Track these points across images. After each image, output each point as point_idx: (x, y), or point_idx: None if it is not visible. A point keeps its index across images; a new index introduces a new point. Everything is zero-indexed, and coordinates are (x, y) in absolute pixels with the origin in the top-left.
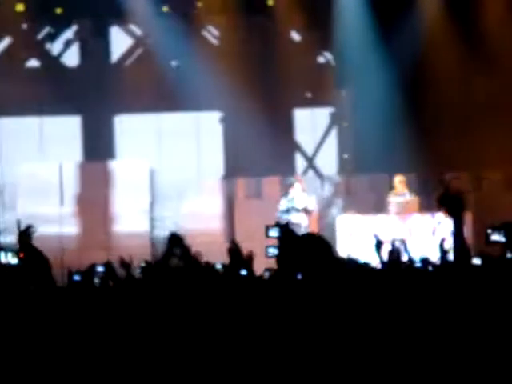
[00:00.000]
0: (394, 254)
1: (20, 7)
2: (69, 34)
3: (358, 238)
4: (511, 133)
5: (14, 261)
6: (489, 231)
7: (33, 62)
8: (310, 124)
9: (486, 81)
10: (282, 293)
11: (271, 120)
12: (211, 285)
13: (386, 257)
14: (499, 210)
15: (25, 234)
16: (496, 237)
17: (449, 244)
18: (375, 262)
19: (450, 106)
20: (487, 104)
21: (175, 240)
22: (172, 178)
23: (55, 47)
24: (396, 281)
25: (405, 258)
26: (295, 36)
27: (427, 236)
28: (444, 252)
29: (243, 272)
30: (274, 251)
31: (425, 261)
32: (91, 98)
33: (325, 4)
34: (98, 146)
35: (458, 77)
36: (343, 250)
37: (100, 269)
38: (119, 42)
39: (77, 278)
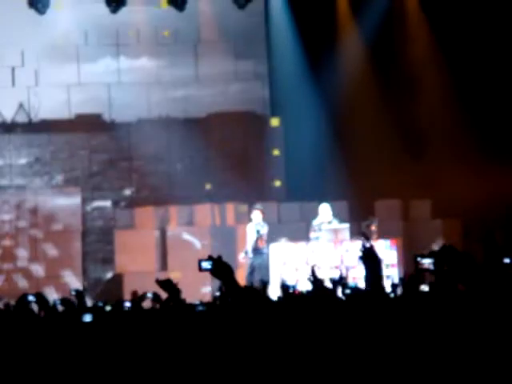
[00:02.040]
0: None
1: None
2: None
3: (291, 266)
4: (435, 163)
5: None
6: (418, 259)
7: None
8: None
9: (409, 113)
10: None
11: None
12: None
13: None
14: (426, 237)
15: None
16: (425, 264)
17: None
18: (306, 288)
19: (376, 135)
20: (412, 134)
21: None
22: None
23: None
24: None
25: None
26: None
27: (358, 263)
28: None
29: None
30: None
31: (355, 289)
32: None
33: (257, 34)
34: None
35: (381, 108)
36: (276, 277)
37: (31, 298)
38: None
39: None
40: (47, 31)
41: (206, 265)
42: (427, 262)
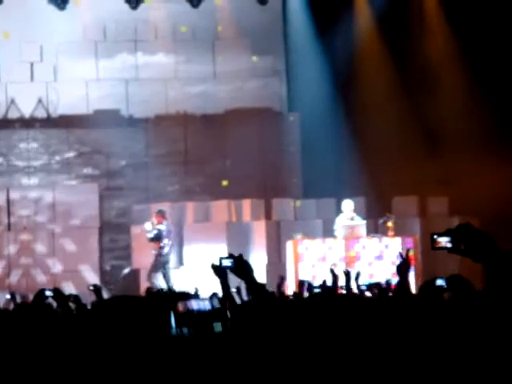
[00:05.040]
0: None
1: None
2: None
3: (307, 263)
4: (453, 160)
5: None
6: (435, 237)
7: None
8: None
9: (427, 109)
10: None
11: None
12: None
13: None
14: None
15: None
16: (442, 242)
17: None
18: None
19: (394, 132)
20: (430, 131)
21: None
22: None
23: None
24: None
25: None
26: (245, 61)
27: (375, 260)
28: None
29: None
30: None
31: (370, 286)
32: None
33: (274, 30)
34: None
35: (399, 105)
36: (292, 274)
37: (48, 293)
38: None
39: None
40: (66, 27)
41: (227, 262)
42: (444, 241)
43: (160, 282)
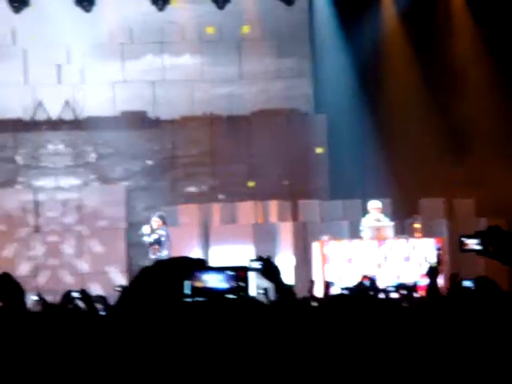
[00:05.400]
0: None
1: None
2: None
3: (334, 264)
4: (480, 161)
5: None
6: (462, 239)
7: None
8: None
9: (454, 110)
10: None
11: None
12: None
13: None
14: None
15: None
16: (470, 244)
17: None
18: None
19: (421, 133)
20: (456, 132)
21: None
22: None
23: None
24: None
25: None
26: (271, 62)
27: (402, 261)
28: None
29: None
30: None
31: (399, 287)
32: None
33: (301, 31)
34: None
35: (425, 106)
36: (319, 275)
37: (75, 294)
38: None
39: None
40: (93, 29)
41: (256, 265)
42: (473, 243)
43: None
